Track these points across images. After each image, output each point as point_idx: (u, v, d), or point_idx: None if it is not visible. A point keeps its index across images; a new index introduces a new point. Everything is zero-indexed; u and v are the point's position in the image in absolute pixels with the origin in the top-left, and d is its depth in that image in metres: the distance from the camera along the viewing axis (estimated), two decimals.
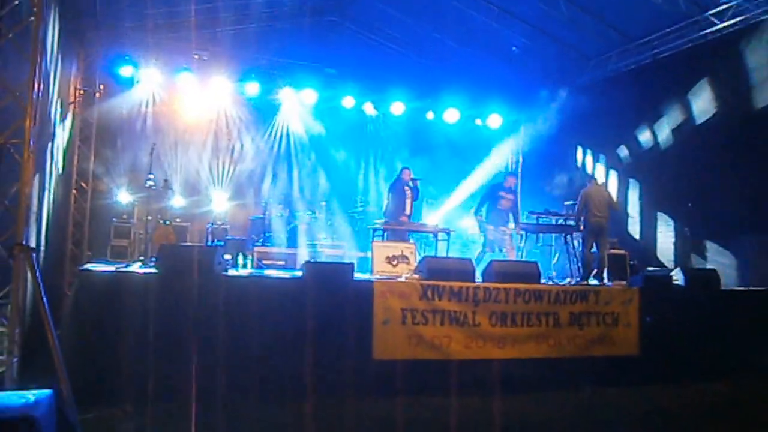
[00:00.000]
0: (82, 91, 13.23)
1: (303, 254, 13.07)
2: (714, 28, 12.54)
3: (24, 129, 6.53)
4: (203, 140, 15.14)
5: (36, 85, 6.43)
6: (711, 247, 12.69)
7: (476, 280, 10.10)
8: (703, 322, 10.45)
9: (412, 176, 13.12)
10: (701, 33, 12.78)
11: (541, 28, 14.95)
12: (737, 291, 11.41)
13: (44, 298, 6.20)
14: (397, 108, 17.00)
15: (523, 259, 12.69)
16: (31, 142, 6.47)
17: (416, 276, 10.07)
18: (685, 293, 10.73)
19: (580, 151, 16.16)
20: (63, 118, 11.31)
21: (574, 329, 10.09)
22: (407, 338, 9.26)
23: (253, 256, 12.23)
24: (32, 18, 6.48)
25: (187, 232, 12.60)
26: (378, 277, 10.21)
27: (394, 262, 10.81)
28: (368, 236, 13.25)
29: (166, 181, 11.43)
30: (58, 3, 8.39)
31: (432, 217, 14.97)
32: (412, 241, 12.13)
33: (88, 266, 9.37)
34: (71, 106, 12.53)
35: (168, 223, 12.09)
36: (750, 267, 12.02)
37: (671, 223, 13.69)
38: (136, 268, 9.54)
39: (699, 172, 12.93)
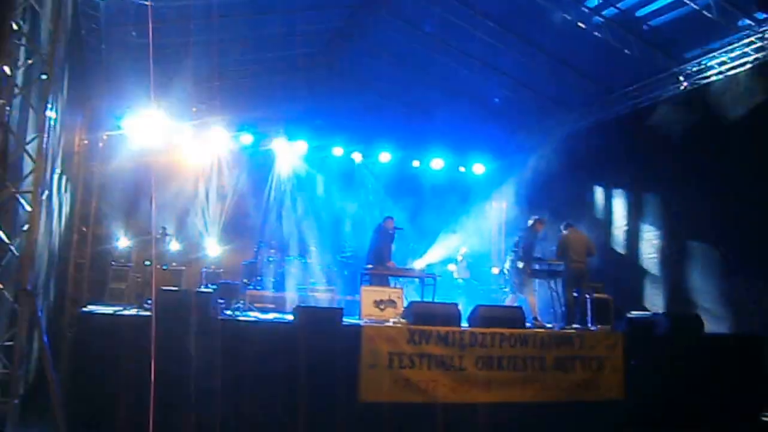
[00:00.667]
0: (86, 141, 13.65)
1: (293, 298, 13.33)
2: (693, 80, 12.96)
3: (33, 180, 6.88)
4: (199, 187, 15.54)
5: (45, 139, 6.81)
6: (698, 289, 12.84)
7: (462, 324, 10.28)
8: (687, 367, 10.54)
9: (393, 226, 13.46)
10: (678, 84, 13.21)
11: (522, 80, 15.39)
12: (720, 336, 11.54)
13: (46, 344, 6.50)
14: (384, 157, 17.56)
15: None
16: (40, 193, 6.82)
17: (403, 320, 10.29)
18: (668, 338, 10.82)
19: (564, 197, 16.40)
20: (67, 167, 11.69)
21: (560, 373, 10.19)
22: (394, 381, 9.41)
23: (245, 299, 12.48)
24: (44, 76, 6.88)
25: (183, 276, 12.84)
26: (366, 321, 10.42)
27: (382, 307, 10.94)
28: (356, 280, 13.52)
29: (164, 228, 11.75)
30: (68, 59, 8.80)
31: (417, 262, 15.22)
32: (399, 286, 12.37)
33: (89, 309, 9.65)
34: (75, 155, 12.94)
35: (165, 267, 12.37)
36: (738, 310, 12.13)
37: (659, 267, 13.90)
38: (133, 311, 9.81)
39: (684, 218, 13.22)
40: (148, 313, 9.34)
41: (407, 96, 16.99)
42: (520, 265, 12.40)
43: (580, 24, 12.47)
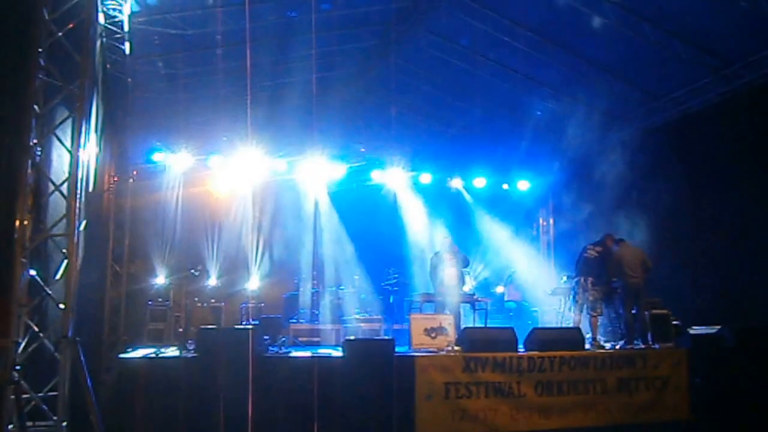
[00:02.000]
0: (116, 178, 13.43)
1: (338, 330, 12.96)
2: (743, 80, 12.45)
3: (68, 222, 6.61)
4: (234, 220, 15.22)
5: (79, 179, 6.53)
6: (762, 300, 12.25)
7: (518, 349, 9.96)
8: (757, 382, 10.04)
9: (451, 243, 13.09)
10: (729, 87, 12.71)
11: (564, 91, 15.01)
12: None
13: (92, 395, 6.19)
14: (425, 177, 17.04)
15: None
16: (75, 235, 6.53)
17: (457, 348, 9.98)
18: (734, 352, 10.39)
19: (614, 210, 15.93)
20: (98, 205, 11.46)
21: (623, 395, 9.88)
22: (451, 413, 9.15)
23: (288, 334, 12.14)
24: (74, 114, 6.63)
25: (222, 312, 12.54)
26: (418, 351, 10.06)
27: (433, 335, 10.59)
28: (402, 308, 13.15)
29: (201, 264, 11.48)
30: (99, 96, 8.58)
31: (465, 286, 14.75)
32: (448, 312, 11.95)
33: (127, 354, 9.34)
34: (105, 194, 12.72)
35: (205, 305, 12.07)
36: None
37: (709, 279, 13.31)
38: (174, 352, 9.51)
39: (740, 223, 12.67)
40: (190, 355, 9.05)
41: (446, 113, 16.61)
42: (588, 282, 11.76)
43: (622, 28, 12.02)
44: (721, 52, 12.42)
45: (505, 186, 18.24)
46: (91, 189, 10.07)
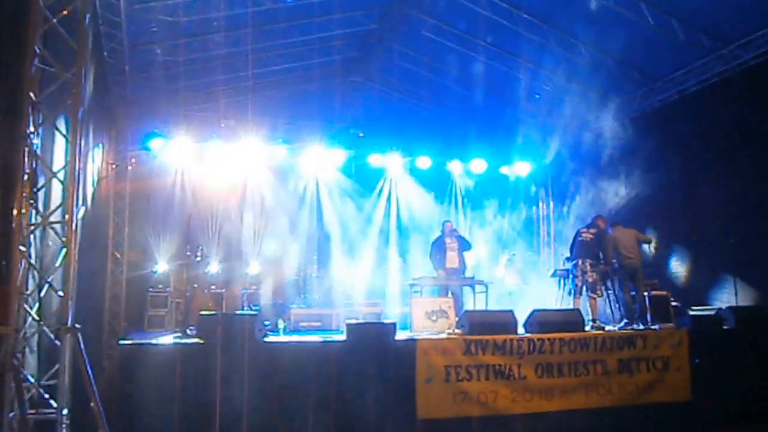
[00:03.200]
0: (114, 165, 13.42)
1: (339, 314, 12.97)
2: (740, 60, 12.41)
3: (66, 209, 6.59)
4: (234, 205, 15.19)
5: (77, 166, 6.50)
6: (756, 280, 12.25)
7: (518, 331, 9.96)
8: (757, 361, 10.12)
9: (452, 227, 13.19)
10: (727, 66, 12.66)
11: (564, 74, 14.93)
12: None
13: (92, 383, 6.20)
14: (424, 162, 17.02)
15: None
16: (74, 222, 6.51)
17: (458, 331, 10.01)
18: (734, 333, 10.44)
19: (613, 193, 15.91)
20: (95, 192, 11.44)
21: (624, 376, 9.87)
22: (452, 395, 9.15)
23: (290, 318, 12.15)
24: (69, 101, 6.59)
25: (223, 298, 12.56)
26: (419, 334, 10.08)
27: (434, 318, 10.67)
28: (403, 292, 13.15)
29: (201, 249, 11.48)
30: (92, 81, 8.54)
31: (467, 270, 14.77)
32: (450, 294, 11.97)
33: (128, 341, 9.35)
34: (104, 181, 12.69)
35: (206, 291, 12.09)
36: None
37: (708, 259, 13.31)
38: (175, 338, 9.53)
39: (734, 206, 12.65)
40: (190, 341, 9.06)
41: (444, 97, 16.54)
42: (586, 264, 11.75)
43: (620, 10, 11.94)
44: (717, 33, 12.35)
45: (505, 169, 18.18)
46: (95, 177, 10.11)
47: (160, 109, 13.35)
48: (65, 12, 6.64)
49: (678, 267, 13.82)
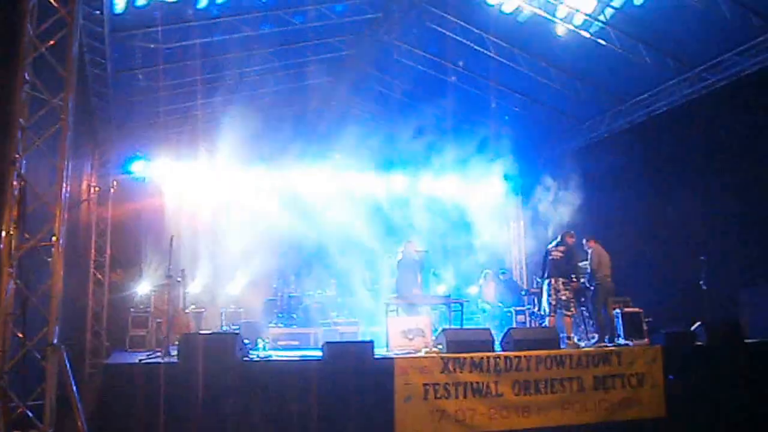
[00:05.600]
0: (97, 188, 13.52)
1: (317, 333, 13.07)
2: (706, 83, 12.80)
3: (54, 230, 6.71)
4: (215, 226, 15.31)
5: (63, 190, 6.64)
6: (726, 297, 12.50)
7: (495, 349, 10.08)
8: (730, 378, 10.25)
9: (416, 248, 13.28)
10: (693, 89, 13.04)
11: (533, 96, 15.30)
12: (763, 342, 11.09)
13: (77, 398, 6.28)
14: (398, 181, 17.28)
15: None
16: (60, 244, 6.63)
17: (435, 349, 10.09)
18: (708, 349, 10.58)
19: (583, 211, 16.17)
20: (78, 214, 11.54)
21: (600, 393, 9.97)
22: (430, 414, 9.19)
23: (268, 337, 12.25)
24: (58, 125, 6.74)
25: (203, 318, 12.64)
26: (397, 353, 10.18)
27: (410, 336, 10.75)
28: (379, 311, 13.25)
29: (183, 270, 11.58)
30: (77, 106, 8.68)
31: (440, 287, 14.93)
32: (425, 314, 12.13)
33: (110, 361, 9.42)
34: (85, 203, 12.79)
35: (187, 311, 12.17)
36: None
37: (684, 275, 13.55)
38: (157, 358, 9.59)
39: (706, 223, 12.97)
40: (173, 360, 9.13)
41: (417, 118, 16.80)
42: (558, 282, 11.96)
43: (586, 34, 12.32)
44: (684, 57, 12.78)
45: (477, 188, 18.45)
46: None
47: (143, 132, 13.49)
48: (52, 42, 6.83)
49: (647, 285, 14.07)
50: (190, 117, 14.11)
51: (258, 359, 9.71)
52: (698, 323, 11.19)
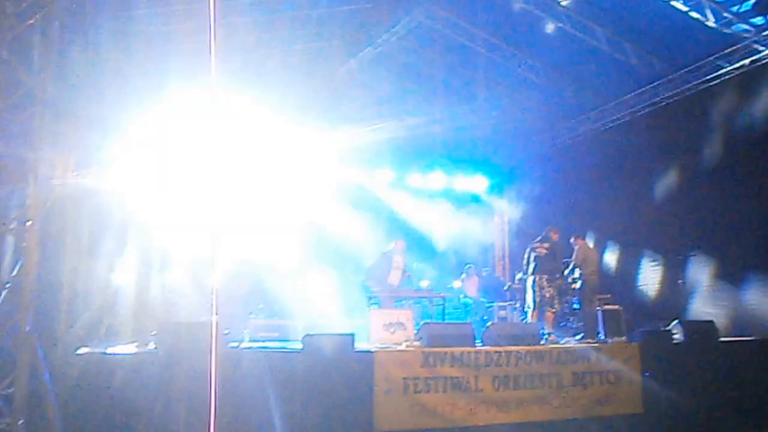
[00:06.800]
0: (76, 174, 13.25)
1: (297, 325, 12.97)
2: (689, 85, 12.85)
3: (29, 215, 6.56)
4: (199, 212, 15.07)
5: (39, 173, 6.50)
6: (710, 295, 12.61)
7: (476, 344, 10.05)
8: (704, 375, 10.36)
9: (404, 247, 13.32)
10: (676, 90, 13.09)
11: (520, 92, 15.30)
12: (735, 342, 11.29)
13: (50, 391, 6.15)
14: (384, 174, 17.19)
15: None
16: (35, 228, 6.50)
17: (416, 343, 10.06)
18: (683, 346, 10.67)
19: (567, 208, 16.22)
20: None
21: (578, 389, 9.98)
22: (410, 407, 9.15)
23: (248, 328, 12.12)
24: (36, 108, 6.59)
25: (183, 307, 12.46)
26: (378, 346, 10.11)
27: (392, 330, 10.72)
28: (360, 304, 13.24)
29: (162, 257, 11.42)
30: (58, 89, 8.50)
31: (423, 282, 14.85)
32: (407, 307, 12.09)
33: (87, 349, 9.25)
34: (62, 187, 12.54)
35: (167, 299, 11.98)
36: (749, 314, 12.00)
37: (667, 272, 13.66)
38: (135, 348, 9.45)
39: (689, 222, 13.03)
40: (150, 349, 9.00)
41: (404, 110, 16.72)
42: (542, 279, 11.96)
43: (574, 32, 12.31)
44: (668, 58, 12.83)
45: (462, 183, 18.43)
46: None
47: (127, 119, 13.19)
48: (32, 21, 6.66)
49: (630, 281, 14.16)
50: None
51: (238, 349, 9.60)
52: (675, 321, 11.26)
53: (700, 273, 12.73)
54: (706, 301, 12.61)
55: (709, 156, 12.59)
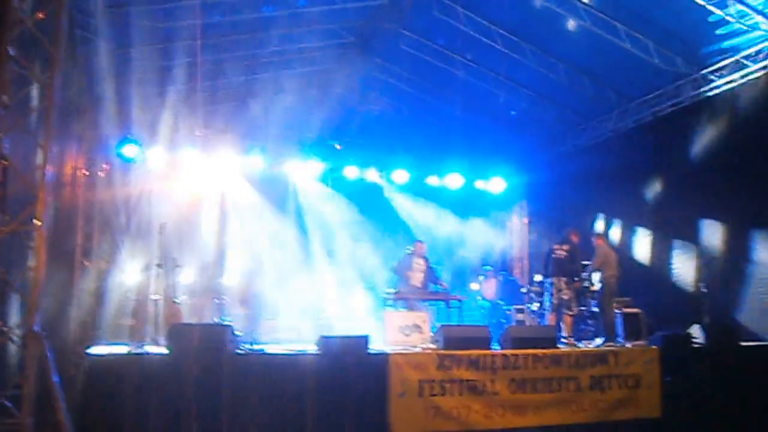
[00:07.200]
0: (86, 172, 13.17)
1: (311, 326, 12.83)
2: (712, 85, 12.62)
3: (36, 214, 6.45)
4: (208, 215, 14.99)
5: (47, 172, 6.38)
6: (732, 300, 12.34)
7: (493, 347, 9.98)
8: (725, 379, 10.21)
9: (424, 251, 13.22)
10: (699, 90, 12.86)
11: (540, 91, 15.12)
12: (758, 346, 11.04)
13: (59, 391, 6.04)
14: (401, 175, 17.02)
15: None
16: (43, 228, 6.38)
17: (432, 345, 9.99)
18: (704, 351, 10.56)
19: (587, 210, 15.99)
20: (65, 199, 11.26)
21: (596, 393, 9.89)
22: (425, 410, 9.09)
23: (262, 329, 12.00)
24: (44, 104, 6.48)
25: (195, 308, 12.34)
26: (393, 348, 10.01)
27: (407, 332, 10.63)
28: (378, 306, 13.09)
29: (174, 258, 11.31)
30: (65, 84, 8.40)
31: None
32: (423, 309, 11.95)
33: (96, 349, 9.16)
34: (71, 187, 12.46)
35: (177, 301, 11.86)
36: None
37: (685, 277, 13.41)
38: (146, 349, 9.34)
39: (712, 228, 12.82)
40: (159, 351, 8.89)
41: (422, 111, 16.59)
42: (561, 282, 11.79)
43: (596, 30, 12.10)
44: (691, 58, 12.62)
45: (481, 185, 18.24)
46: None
47: (135, 115, 13.13)
48: (41, 15, 6.54)
49: (651, 284, 13.93)
50: (186, 101, 13.73)
51: (250, 352, 9.47)
52: (696, 325, 11.16)
53: (723, 276, 12.45)
54: (730, 304, 12.30)
55: (732, 157, 12.31)
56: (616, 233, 14.64)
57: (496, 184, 18.17)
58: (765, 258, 11.72)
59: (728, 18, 11.14)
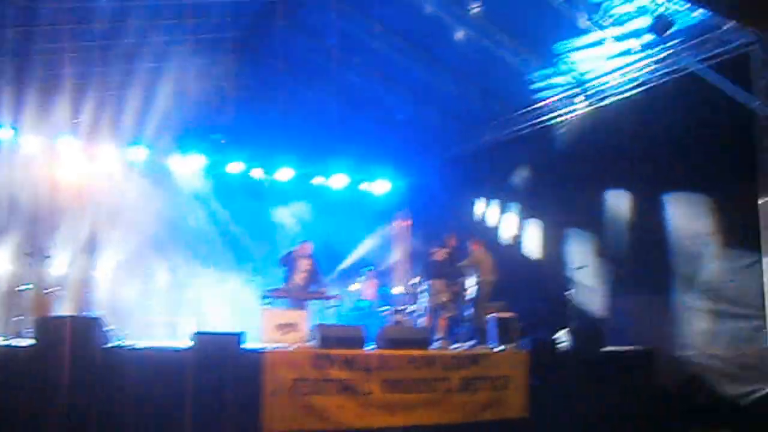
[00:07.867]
0: None
1: (187, 322, 12.63)
2: (591, 100, 13.34)
3: None
4: (84, 205, 14.43)
5: None
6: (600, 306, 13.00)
7: (368, 347, 10.08)
8: (588, 382, 10.64)
9: (310, 251, 13.24)
10: (577, 104, 13.53)
11: (426, 97, 15.38)
12: (619, 351, 11.62)
13: None
14: (285, 173, 17.02)
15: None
16: None
17: (308, 345, 9.98)
18: (570, 354, 10.97)
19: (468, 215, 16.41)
20: None
21: (466, 394, 10.10)
22: (298, 409, 9.05)
23: (135, 325, 11.69)
24: None
25: (64, 300, 11.88)
26: (268, 346, 9.94)
27: (284, 330, 10.60)
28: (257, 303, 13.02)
29: (44, 247, 10.87)
30: None
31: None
32: (305, 309, 11.99)
33: None
34: None
35: (46, 292, 11.38)
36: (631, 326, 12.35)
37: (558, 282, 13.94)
38: (11, 342, 8.95)
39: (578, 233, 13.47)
40: (27, 344, 8.52)
41: (308, 110, 16.55)
42: (438, 284, 12.08)
43: (483, 41, 12.49)
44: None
45: (365, 186, 18.46)
46: None
47: (8, 99, 12.51)
48: None
49: (526, 289, 14.45)
50: (64, 86, 13.19)
51: (117, 347, 9.20)
52: (563, 330, 11.55)
53: (595, 283, 13.07)
54: (599, 310, 12.94)
55: (610, 171, 12.96)
56: (494, 237, 15.09)
57: (380, 186, 18.45)
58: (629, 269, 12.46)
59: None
